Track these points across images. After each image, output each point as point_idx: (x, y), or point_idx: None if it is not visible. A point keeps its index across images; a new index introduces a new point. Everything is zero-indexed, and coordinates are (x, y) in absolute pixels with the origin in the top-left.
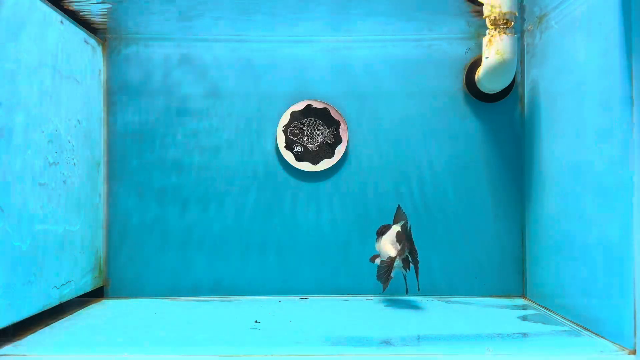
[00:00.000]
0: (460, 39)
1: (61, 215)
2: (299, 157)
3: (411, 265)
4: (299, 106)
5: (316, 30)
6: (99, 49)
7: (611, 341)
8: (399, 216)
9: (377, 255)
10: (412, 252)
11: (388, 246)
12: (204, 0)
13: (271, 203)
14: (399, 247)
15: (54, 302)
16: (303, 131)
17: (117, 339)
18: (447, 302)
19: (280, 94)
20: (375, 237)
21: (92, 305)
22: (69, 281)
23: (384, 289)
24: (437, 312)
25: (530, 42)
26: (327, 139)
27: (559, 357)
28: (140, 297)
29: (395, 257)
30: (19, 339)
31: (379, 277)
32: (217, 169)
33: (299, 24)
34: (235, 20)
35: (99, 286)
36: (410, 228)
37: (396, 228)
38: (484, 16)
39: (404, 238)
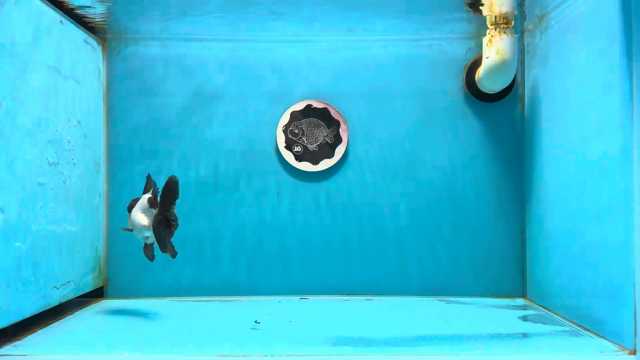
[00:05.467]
0: (460, 39)
1: (61, 215)
2: (299, 157)
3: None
4: (299, 106)
5: (316, 30)
6: (99, 49)
7: (611, 341)
8: (149, 185)
9: (128, 228)
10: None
11: (139, 215)
12: (203, 0)
13: (271, 203)
14: (153, 213)
15: (54, 302)
16: (303, 131)
17: (117, 339)
18: (447, 302)
19: (280, 94)
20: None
21: (92, 305)
22: (68, 281)
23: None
24: (437, 312)
25: (531, 42)
26: (327, 139)
27: (559, 357)
28: (140, 297)
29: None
30: (19, 339)
31: (148, 252)
32: (217, 169)
33: (299, 23)
34: (235, 20)
35: (98, 286)
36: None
37: (146, 196)
38: (483, 14)
39: (157, 202)
